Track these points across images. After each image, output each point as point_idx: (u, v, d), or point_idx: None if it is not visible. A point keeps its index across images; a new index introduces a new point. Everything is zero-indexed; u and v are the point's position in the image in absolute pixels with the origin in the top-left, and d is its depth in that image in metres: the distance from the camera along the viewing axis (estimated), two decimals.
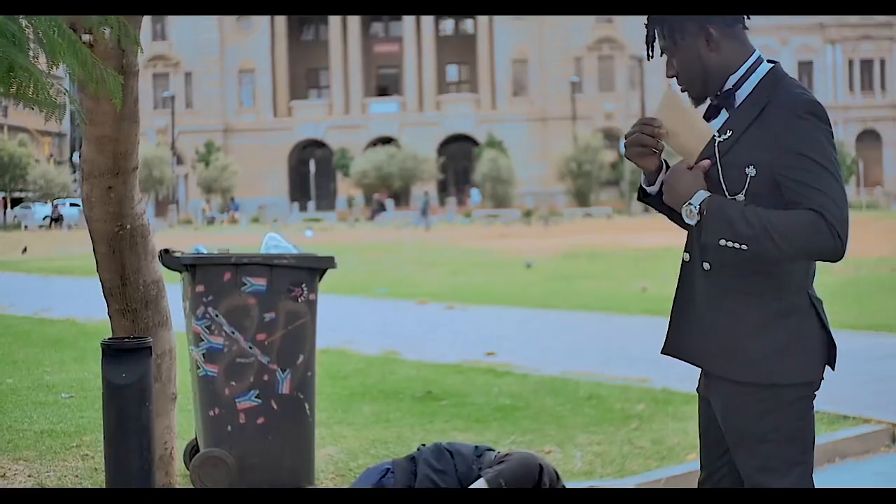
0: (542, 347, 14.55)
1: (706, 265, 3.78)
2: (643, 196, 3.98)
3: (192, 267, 7.28)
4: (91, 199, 5.93)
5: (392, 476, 5.58)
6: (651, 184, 3.92)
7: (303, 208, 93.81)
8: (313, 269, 7.43)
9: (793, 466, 3.75)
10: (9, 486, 7.48)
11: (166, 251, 7.17)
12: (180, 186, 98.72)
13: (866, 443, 8.95)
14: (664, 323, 3.97)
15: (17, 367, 12.94)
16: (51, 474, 7.76)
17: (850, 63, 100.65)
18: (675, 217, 3.93)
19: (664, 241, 32.46)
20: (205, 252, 7.57)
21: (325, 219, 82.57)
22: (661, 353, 3.97)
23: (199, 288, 7.26)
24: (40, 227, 77.05)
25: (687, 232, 3.88)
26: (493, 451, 5.75)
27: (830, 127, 3.66)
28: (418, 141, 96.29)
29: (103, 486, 6.79)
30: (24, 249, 42.70)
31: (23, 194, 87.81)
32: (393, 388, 11.19)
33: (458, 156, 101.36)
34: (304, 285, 7.36)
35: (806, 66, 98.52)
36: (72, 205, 75.08)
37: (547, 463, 5.60)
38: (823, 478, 8.22)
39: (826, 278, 23.91)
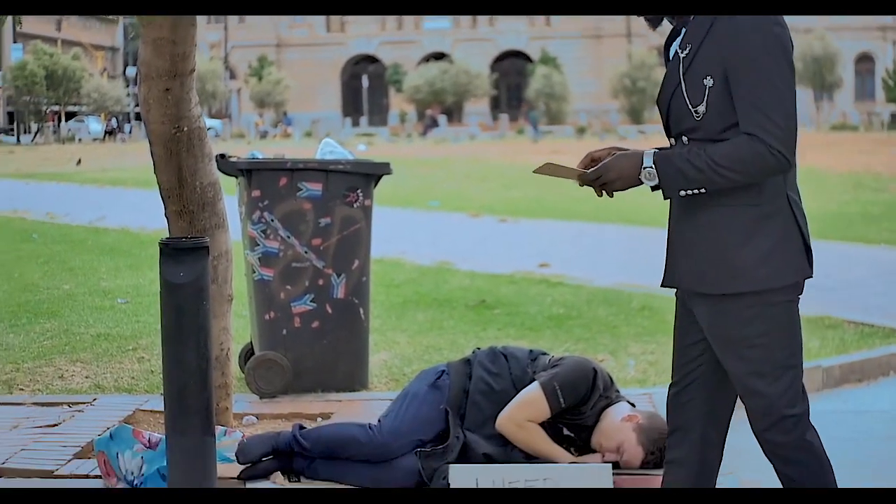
0: (596, 260, 14.53)
1: None
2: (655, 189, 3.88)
3: (248, 172, 7.30)
4: (149, 101, 5.94)
5: (447, 378, 5.59)
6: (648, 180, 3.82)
7: (355, 123, 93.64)
8: (369, 175, 7.43)
9: (785, 370, 3.74)
10: (67, 387, 7.59)
11: (222, 156, 7.20)
12: (233, 101, 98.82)
13: None
14: None
15: (73, 273, 13.10)
16: (107, 376, 7.88)
17: None
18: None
19: None
20: (261, 157, 7.60)
21: (378, 134, 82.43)
22: (661, 286, 3.98)
23: (255, 193, 7.28)
24: (94, 139, 77.49)
25: None
26: (548, 355, 5.74)
27: (783, 27, 3.65)
28: (471, 57, 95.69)
29: (159, 387, 6.86)
30: (79, 161, 43.02)
31: (76, 108, 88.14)
32: (446, 297, 11.23)
33: (512, 72, 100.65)
34: (359, 191, 7.37)
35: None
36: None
37: (601, 367, 5.58)
38: (878, 391, 8.20)
39: (882, 196, 23.56)
